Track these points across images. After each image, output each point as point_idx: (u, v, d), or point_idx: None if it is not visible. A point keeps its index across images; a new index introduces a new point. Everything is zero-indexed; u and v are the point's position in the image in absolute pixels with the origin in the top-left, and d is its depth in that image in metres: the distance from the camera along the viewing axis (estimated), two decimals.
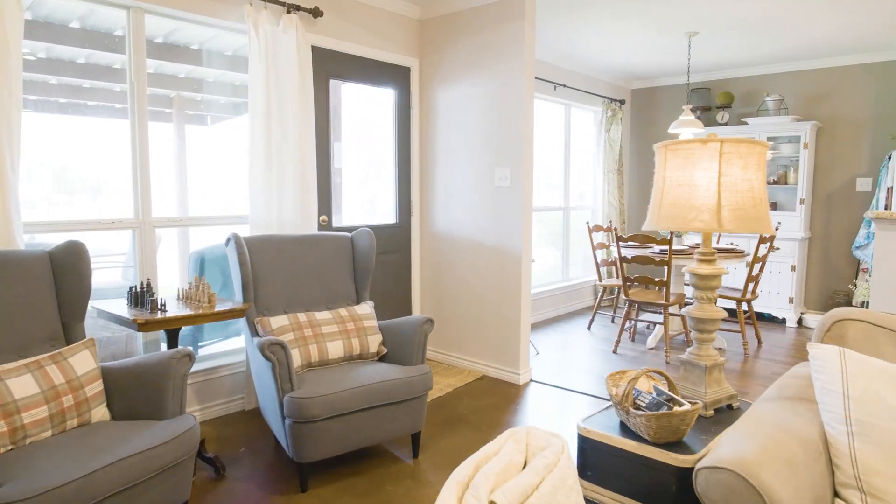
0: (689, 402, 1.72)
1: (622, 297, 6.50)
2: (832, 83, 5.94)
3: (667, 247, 4.82)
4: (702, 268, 1.89)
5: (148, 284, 2.63)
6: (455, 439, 3.13)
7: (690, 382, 1.94)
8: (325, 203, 3.91)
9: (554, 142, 6.28)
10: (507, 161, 3.98)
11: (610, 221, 5.87)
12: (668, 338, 4.59)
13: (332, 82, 3.96)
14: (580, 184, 6.78)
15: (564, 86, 5.90)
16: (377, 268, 4.28)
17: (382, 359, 3.05)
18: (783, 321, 5.97)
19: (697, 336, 1.94)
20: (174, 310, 2.59)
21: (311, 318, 2.94)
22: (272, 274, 3.05)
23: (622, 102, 6.73)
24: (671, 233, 4.41)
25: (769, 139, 6.14)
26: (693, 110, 6.63)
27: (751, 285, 5.04)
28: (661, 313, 5.09)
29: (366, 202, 4.45)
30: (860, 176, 5.88)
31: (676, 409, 1.64)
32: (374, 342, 3.02)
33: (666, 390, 1.80)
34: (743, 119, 6.21)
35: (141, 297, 2.63)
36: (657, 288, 5.14)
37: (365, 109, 4.34)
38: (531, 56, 3.88)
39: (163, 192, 3.52)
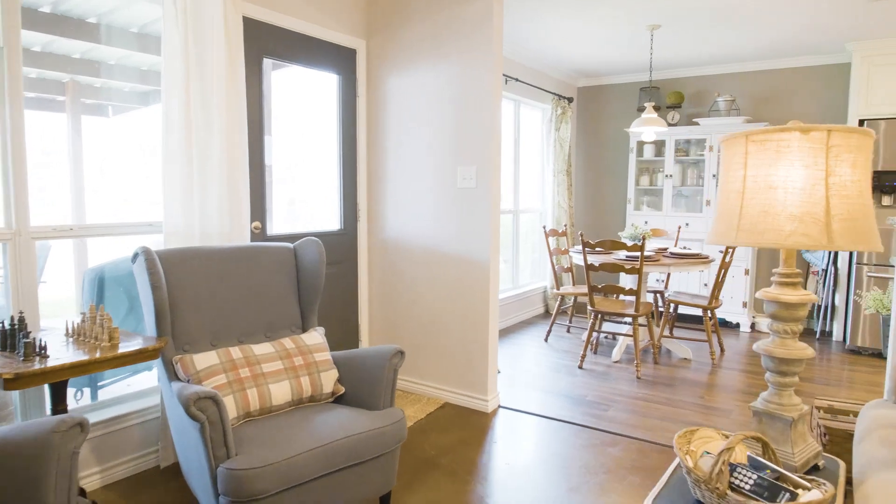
0: (805, 480, 1.28)
1: (588, 307, 6.17)
2: (781, 85, 5.87)
3: (636, 253, 4.50)
4: (787, 294, 1.47)
5: (21, 320, 1.92)
6: (429, 493, 2.59)
7: (770, 440, 1.51)
8: (259, 207, 3.27)
9: (503, 140, 5.85)
10: (472, 159, 3.48)
11: (565, 226, 5.53)
12: (638, 351, 4.25)
13: (267, 62, 3.32)
14: (529, 185, 6.41)
15: (517, 80, 5.49)
16: None
17: (340, 400, 2.47)
18: (737, 326, 5.84)
19: (778, 381, 1.51)
20: (60, 353, 1.91)
21: (247, 352, 2.32)
22: (195, 297, 2.40)
23: (570, 100, 6.42)
24: (643, 238, 4.07)
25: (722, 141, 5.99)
26: (641, 109, 6.41)
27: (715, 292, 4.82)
28: (625, 323, 4.76)
29: (303, 206, 3.82)
30: None
31: (805, 499, 1.19)
32: (329, 380, 2.43)
33: (759, 455, 1.36)
34: (694, 119, 6.04)
35: (11, 337, 1.92)
36: (615, 297, 4.81)
37: (302, 97, 3.72)
38: (499, 39, 3.40)
39: (52, 195, 2.79)
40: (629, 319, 4.99)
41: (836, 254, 5.48)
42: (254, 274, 2.60)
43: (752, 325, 5.84)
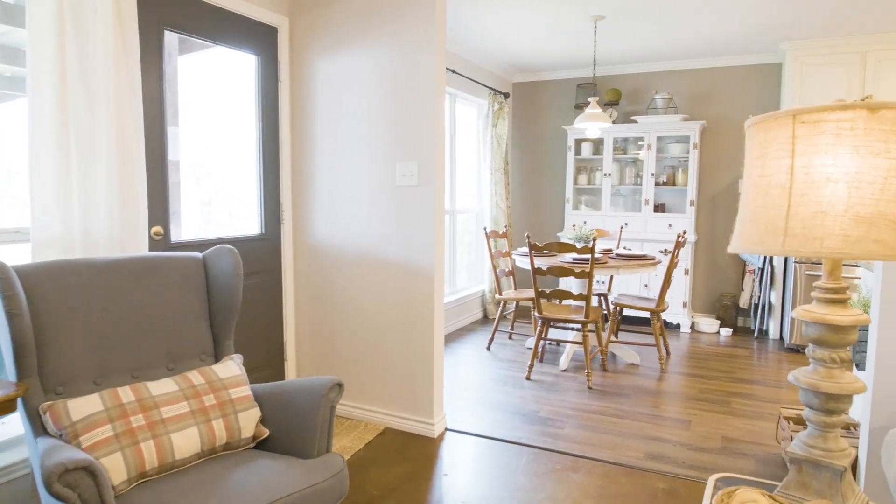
0: None
1: (534, 313, 5.89)
2: (717, 83, 5.84)
3: (585, 256, 4.25)
4: (837, 314, 1.17)
5: None
6: None
7: (813, 492, 1.22)
8: (160, 209, 2.74)
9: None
10: (413, 154, 3.10)
11: (506, 227, 5.24)
12: (588, 359, 4.00)
13: (170, 39, 2.80)
14: (466, 184, 6.08)
15: (453, 71, 5.15)
16: None
17: (264, 445, 2.02)
18: (678, 326, 5.75)
19: (824, 421, 1.22)
20: None
21: (142, 393, 1.83)
22: (73, 324, 1.88)
23: (507, 95, 6.15)
24: (593, 240, 3.82)
25: (658, 139, 5.90)
26: (578, 106, 6.23)
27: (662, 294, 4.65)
28: (571, 329, 4.52)
29: (216, 207, 3.31)
30: (742, 178, 5.82)
31: None
32: (250, 421, 1.98)
33: None
34: (632, 117, 5.91)
35: None
36: (559, 302, 4.56)
37: (219, 82, 3.21)
38: (443, 18, 3.03)
39: None
40: (574, 325, 4.76)
41: None
42: (152, 291, 2.10)
43: (692, 326, 5.77)
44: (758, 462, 2.91)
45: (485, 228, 4.85)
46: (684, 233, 4.59)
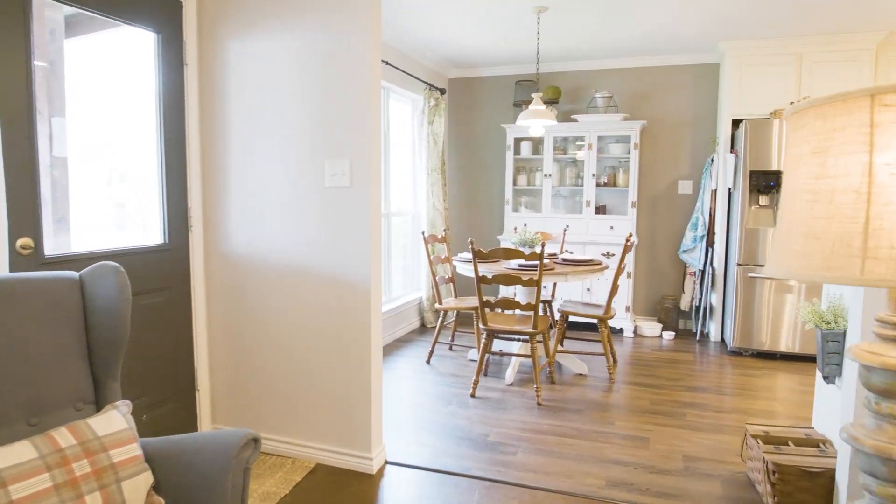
0: None
1: (478, 324, 5.57)
2: (657, 83, 5.74)
3: (532, 262, 3.97)
4: None
5: None
6: None
7: None
8: (29, 215, 2.22)
9: None
10: (344, 149, 2.70)
11: (444, 230, 4.91)
12: (537, 372, 3.73)
13: (51, 13, 2.28)
14: (401, 185, 5.71)
15: (386, 63, 4.77)
16: (131, 317, 2.67)
17: None
18: (621, 331, 5.61)
19: (892, 494, 0.94)
20: None
21: None
22: None
23: (443, 91, 5.83)
24: (542, 245, 3.55)
25: (599, 138, 5.74)
26: (517, 104, 6.00)
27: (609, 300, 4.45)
28: (515, 340, 4.24)
29: (113, 212, 2.80)
30: (682, 178, 5.76)
31: None
32: (138, 491, 1.54)
33: None
34: (572, 116, 5.72)
35: None
36: (501, 311, 4.28)
37: (112, 66, 2.70)
38: None
39: None
40: (521, 336, 4.49)
41: (712, 253, 5.42)
42: (8, 323, 1.62)
43: (635, 330, 5.64)
44: (724, 483, 2.71)
45: (423, 233, 4.50)
46: (630, 236, 4.41)
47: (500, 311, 4.40)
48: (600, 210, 5.79)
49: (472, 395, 3.84)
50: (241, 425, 3.04)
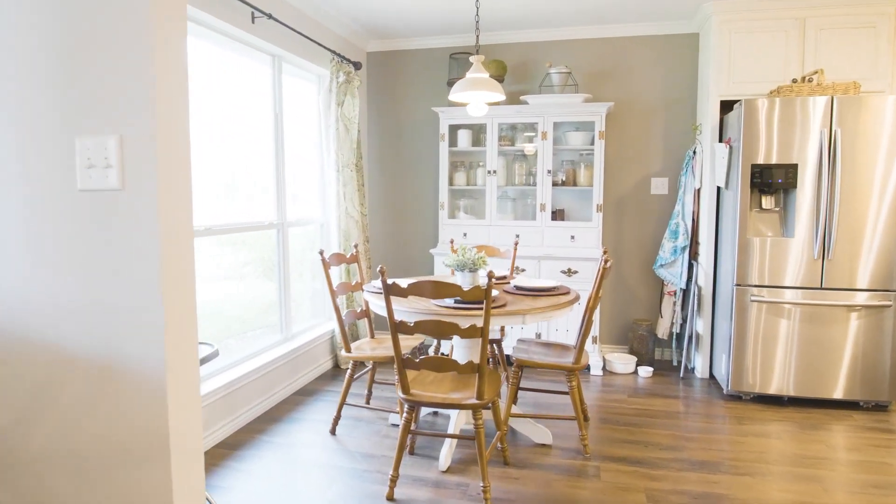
0: None
1: (398, 393, 4.28)
2: (623, 57, 4.63)
3: (477, 304, 2.69)
4: None
5: None
6: None
7: None
8: None
9: (257, 119, 3.76)
10: (109, 120, 1.39)
11: (355, 246, 3.61)
12: (484, 462, 2.50)
13: None
14: (303, 186, 4.38)
15: (270, 16, 3.44)
16: None
17: None
18: (587, 368, 4.46)
19: None
20: None
21: None
22: None
23: (358, 66, 4.54)
24: (490, 277, 2.32)
25: (556, 125, 4.58)
26: (451, 83, 4.77)
27: (582, 342, 3.27)
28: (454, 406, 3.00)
29: None
30: (656, 175, 4.68)
31: None
32: None
33: None
34: (521, 98, 4.54)
35: None
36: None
37: None
38: None
39: None
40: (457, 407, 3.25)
41: (697, 268, 4.35)
42: None
43: (605, 365, 4.51)
44: None
45: (321, 252, 3.19)
46: (605, 252, 3.26)
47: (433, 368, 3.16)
48: (558, 215, 4.64)
49: (390, 499, 2.58)
50: None
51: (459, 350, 3.03)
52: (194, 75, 3.11)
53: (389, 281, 2.48)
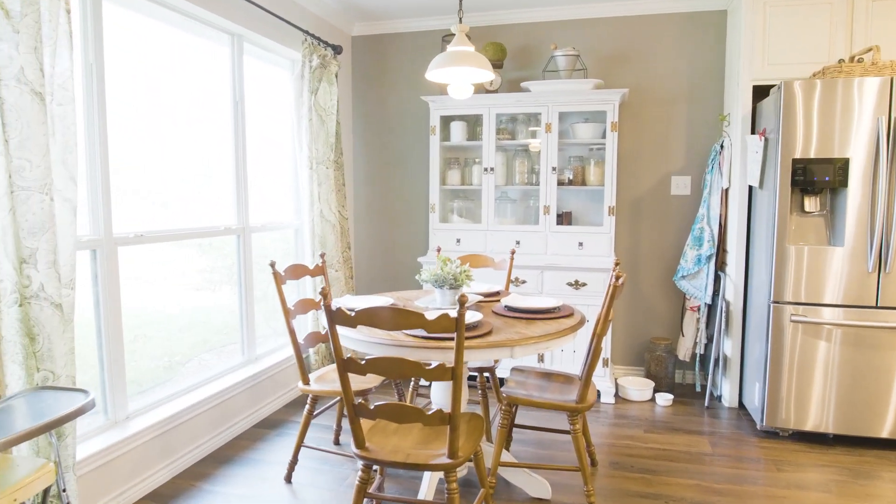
0: None
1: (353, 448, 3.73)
2: (638, 37, 4.06)
3: (447, 335, 2.12)
4: None
5: None
6: None
7: None
8: None
9: (215, 110, 3.24)
10: None
11: (322, 256, 3.08)
12: None
13: None
14: (273, 186, 3.86)
15: None
16: None
17: None
18: (598, 395, 3.88)
19: None
20: None
21: None
22: None
23: (338, 50, 4.01)
24: (461, 303, 1.76)
25: (562, 116, 4.03)
26: None
27: (588, 376, 2.69)
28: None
29: None
30: (677, 174, 4.09)
31: None
32: None
33: None
34: (522, 85, 3.98)
35: None
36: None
37: None
38: None
39: None
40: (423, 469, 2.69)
41: (724, 281, 3.77)
42: None
43: (617, 391, 3.94)
44: None
45: (272, 264, 2.66)
46: (617, 264, 2.71)
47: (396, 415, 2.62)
48: (564, 219, 4.08)
49: None
50: None
51: (438, 388, 2.48)
52: (134, 59, 2.59)
53: (341, 303, 1.94)
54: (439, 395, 2.49)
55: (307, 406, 2.71)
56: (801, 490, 2.66)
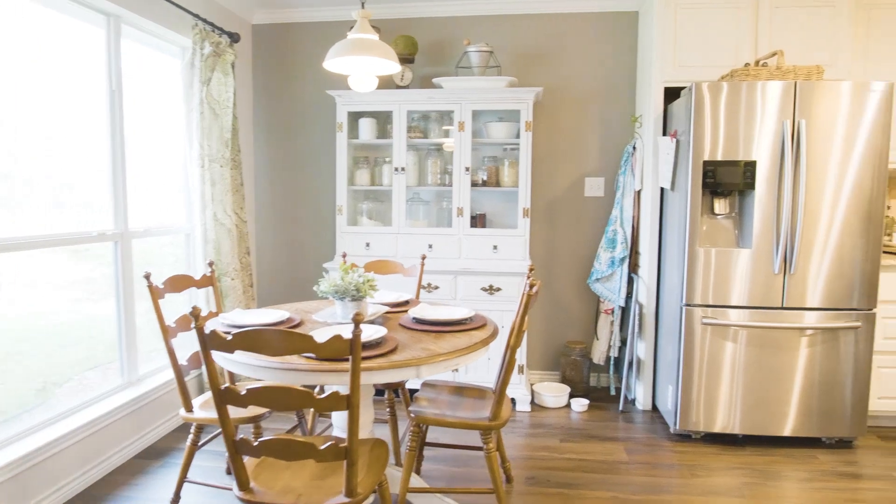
0: None
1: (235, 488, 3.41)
2: (552, 36, 3.97)
3: (342, 360, 1.89)
4: None
5: None
6: None
7: None
8: None
9: (85, 104, 2.83)
10: None
11: (211, 264, 2.76)
12: None
13: None
14: (159, 185, 3.46)
15: None
16: None
17: None
18: (513, 402, 3.76)
19: None
20: None
21: None
22: None
23: (234, 38, 3.67)
24: (357, 323, 1.54)
25: (475, 115, 3.88)
26: None
27: (502, 392, 2.53)
28: None
29: None
30: (591, 175, 4.04)
31: None
32: None
33: None
34: (434, 80, 3.80)
35: None
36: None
37: None
38: None
39: None
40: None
41: (637, 283, 3.74)
42: None
43: (533, 398, 3.83)
44: None
45: (147, 276, 2.32)
46: (532, 270, 2.57)
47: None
48: (479, 221, 3.93)
49: None
50: None
51: (335, 424, 2.24)
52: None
53: (228, 319, 1.67)
54: (341, 419, 2.26)
55: (191, 436, 2.39)
56: (715, 496, 2.63)
